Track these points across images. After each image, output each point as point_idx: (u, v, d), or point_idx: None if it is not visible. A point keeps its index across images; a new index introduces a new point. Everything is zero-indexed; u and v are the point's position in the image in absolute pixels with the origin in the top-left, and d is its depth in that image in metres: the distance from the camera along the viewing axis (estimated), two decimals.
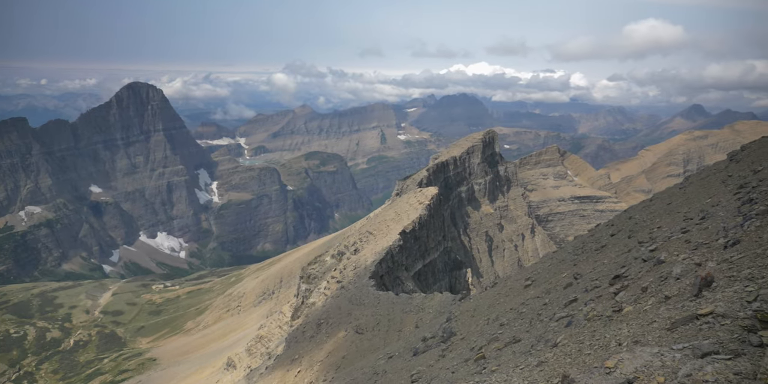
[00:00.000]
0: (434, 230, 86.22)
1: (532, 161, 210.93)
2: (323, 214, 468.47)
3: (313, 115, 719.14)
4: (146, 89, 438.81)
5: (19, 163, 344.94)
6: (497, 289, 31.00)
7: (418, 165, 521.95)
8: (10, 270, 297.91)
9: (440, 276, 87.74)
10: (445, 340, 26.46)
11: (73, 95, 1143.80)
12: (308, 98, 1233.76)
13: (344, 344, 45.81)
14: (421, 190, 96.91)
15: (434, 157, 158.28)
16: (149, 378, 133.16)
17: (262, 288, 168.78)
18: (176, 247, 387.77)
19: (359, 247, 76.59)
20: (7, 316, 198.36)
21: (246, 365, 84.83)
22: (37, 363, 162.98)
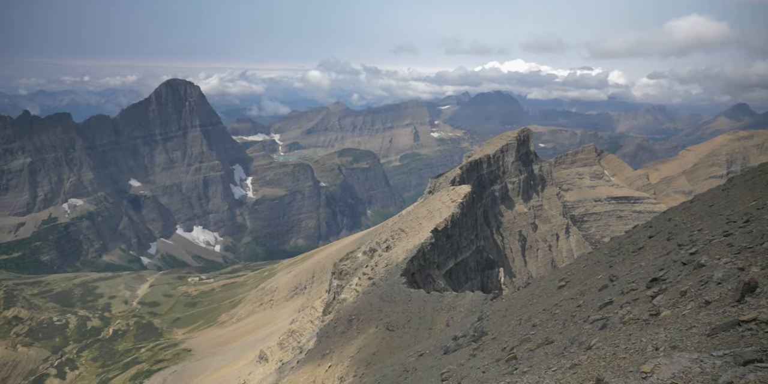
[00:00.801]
0: (467, 229, 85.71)
1: (568, 160, 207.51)
2: (355, 211, 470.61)
3: (346, 112, 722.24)
4: (184, 86, 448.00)
5: (63, 157, 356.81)
6: (530, 289, 30.65)
7: (451, 163, 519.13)
8: (54, 260, 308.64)
9: (472, 275, 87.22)
10: (476, 340, 26.31)
11: (114, 91, 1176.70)
12: (342, 95, 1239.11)
13: (375, 341, 46.00)
14: (453, 188, 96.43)
15: (468, 155, 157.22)
16: (184, 368, 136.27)
17: (294, 283, 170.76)
18: (211, 241, 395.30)
19: (391, 244, 76.72)
20: (51, 305, 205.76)
21: (278, 358, 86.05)
22: (78, 350, 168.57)
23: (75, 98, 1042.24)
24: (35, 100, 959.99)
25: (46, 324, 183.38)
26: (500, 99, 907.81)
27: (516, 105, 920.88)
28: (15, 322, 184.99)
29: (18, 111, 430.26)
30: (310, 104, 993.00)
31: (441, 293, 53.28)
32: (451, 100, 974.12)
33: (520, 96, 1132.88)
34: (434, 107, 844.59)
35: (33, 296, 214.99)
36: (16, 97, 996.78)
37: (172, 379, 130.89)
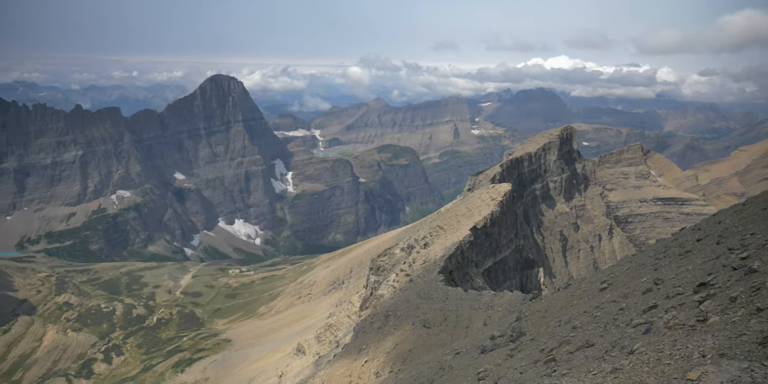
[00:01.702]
0: (506, 227, 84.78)
1: (613, 159, 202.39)
2: (394, 207, 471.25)
3: (386, 109, 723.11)
4: (228, 81, 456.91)
5: (112, 149, 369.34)
6: (571, 290, 30.15)
7: (492, 160, 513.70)
8: (102, 249, 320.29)
9: (511, 274, 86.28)
10: (514, 340, 26.09)
11: (161, 87, 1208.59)
12: (382, 91, 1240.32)
13: (411, 337, 46.08)
14: (493, 186, 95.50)
15: (508, 153, 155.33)
16: (224, 358, 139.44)
17: (332, 277, 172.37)
18: (252, 234, 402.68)
19: (429, 242, 76.58)
20: (99, 292, 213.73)
21: (315, 352, 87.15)
22: (123, 337, 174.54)
23: (124, 93, 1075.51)
24: (87, 95, 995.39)
25: (94, 310, 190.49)
26: (543, 96, 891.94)
27: (559, 102, 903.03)
28: (65, 308, 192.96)
29: (71, 105, 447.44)
30: (351, 100, 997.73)
31: (479, 292, 52.92)
32: (492, 97, 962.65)
33: (563, 93, 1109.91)
34: (475, 104, 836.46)
35: (82, 283, 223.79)
36: (69, 91, 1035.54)
37: (212, 368, 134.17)
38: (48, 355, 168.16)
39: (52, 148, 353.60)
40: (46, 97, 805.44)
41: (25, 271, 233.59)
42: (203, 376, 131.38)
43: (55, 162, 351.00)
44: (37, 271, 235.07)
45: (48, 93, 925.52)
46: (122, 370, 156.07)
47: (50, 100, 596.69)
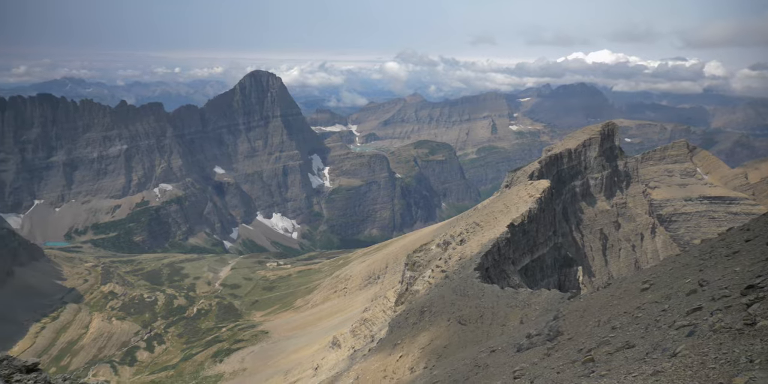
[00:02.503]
0: (544, 225, 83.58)
1: (656, 156, 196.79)
2: (430, 203, 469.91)
3: (423, 104, 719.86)
4: (266, 77, 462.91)
5: (155, 144, 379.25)
6: (611, 290, 29.59)
7: (530, 157, 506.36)
8: (145, 241, 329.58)
9: (549, 272, 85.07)
10: (551, 339, 25.81)
11: (202, 82, 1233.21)
12: (419, 87, 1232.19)
13: (446, 334, 46.03)
14: (532, 183, 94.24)
15: (547, 149, 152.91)
16: (261, 349, 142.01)
17: (368, 272, 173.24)
18: (289, 228, 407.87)
19: (465, 238, 76.19)
20: (142, 282, 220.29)
21: (350, 345, 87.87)
22: (165, 326, 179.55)
23: (166, 89, 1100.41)
24: (131, 91, 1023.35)
25: (137, 300, 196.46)
26: (584, 91, 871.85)
27: (600, 97, 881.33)
28: (111, 297, 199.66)
29: (116, 101, 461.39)
30: (388, 96, 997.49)
31: (515, 289, 52.42)
32: (531, 92, 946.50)
33: (605, 88, 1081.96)
34: (513, 99, 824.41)
35: (126, 274, 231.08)
36: (114, 87, 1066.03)
37: (250, 359, 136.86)
38: (94, 342, 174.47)
39: (99, 142, 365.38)
40: (93, 93, 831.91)
41: (73, 260, 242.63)
42: (241, 366, 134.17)
43: (101, 156, 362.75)
44: (84, 261, 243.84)
45: (95, 89, 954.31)
46: (163, 358, 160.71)
47: (97, 96, 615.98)
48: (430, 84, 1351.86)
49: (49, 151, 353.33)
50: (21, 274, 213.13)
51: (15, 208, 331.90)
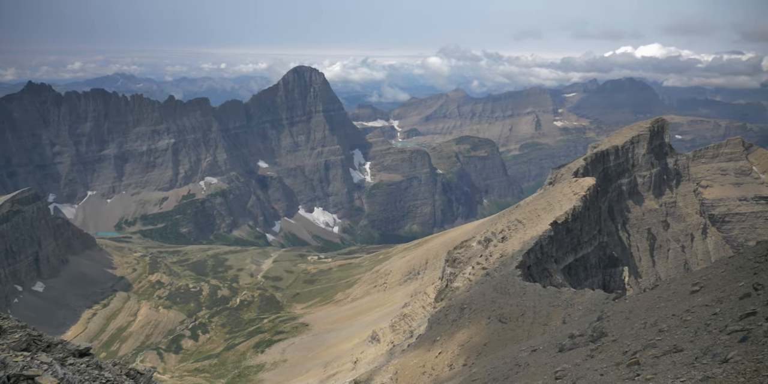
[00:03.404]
0: (589, 223, 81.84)
1: (709, 154, 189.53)
2: (471, 199, 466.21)
3: (466, 99, 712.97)
4: (309, 73, 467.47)
5: (201, 138, 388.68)
6: (658, 291, 28.82)
7: (575, 153, 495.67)
8: (191, 232, 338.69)
9: (593, 272, 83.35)
10: (595, 340, 25.37)
11: (246, 78, 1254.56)
12: (462, 82, 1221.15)
13: (486, 331, 45.75)
14: (576, 180, 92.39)
15: (593, 146, 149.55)
16: (302, 341, 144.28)
17: (408, 268, 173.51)
18: (330, 222, 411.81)
19: (507, 235, 75.39)
20: (187, 273, 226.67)
21: (389, 340, 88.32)
22: (209, 316, 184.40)
23: (212, 84, 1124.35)
24: (179, 86, 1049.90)
25: (183, 290, 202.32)
26: (632, 86, 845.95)
27: (650, 93, 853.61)
28: (158, 286, 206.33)
29: (164, 96, 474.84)
30: (430, 91, 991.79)
31: (558, 289, 51.62)
32: (577, 87, 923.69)
33: (655, 83, 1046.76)
34: (558, 95, 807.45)
35: (173, 264, 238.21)
36: (163, 83, 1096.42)
37: (290, 351, 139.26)
38: (142, 329, 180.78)
39: (148, 136, 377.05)
40: (143, 88, 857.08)
41: (122, 250, 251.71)
42: (282, 357, 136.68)
43: (150, 149, 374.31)
44: (133, 251, 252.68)
45: (144, 84, 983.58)
46: (207, 347, 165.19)
47: (146, 91, 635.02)
48: (472, 79, 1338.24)
49: (101, 144, 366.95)
50: (75, 262, 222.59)
51: (70, 199, 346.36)
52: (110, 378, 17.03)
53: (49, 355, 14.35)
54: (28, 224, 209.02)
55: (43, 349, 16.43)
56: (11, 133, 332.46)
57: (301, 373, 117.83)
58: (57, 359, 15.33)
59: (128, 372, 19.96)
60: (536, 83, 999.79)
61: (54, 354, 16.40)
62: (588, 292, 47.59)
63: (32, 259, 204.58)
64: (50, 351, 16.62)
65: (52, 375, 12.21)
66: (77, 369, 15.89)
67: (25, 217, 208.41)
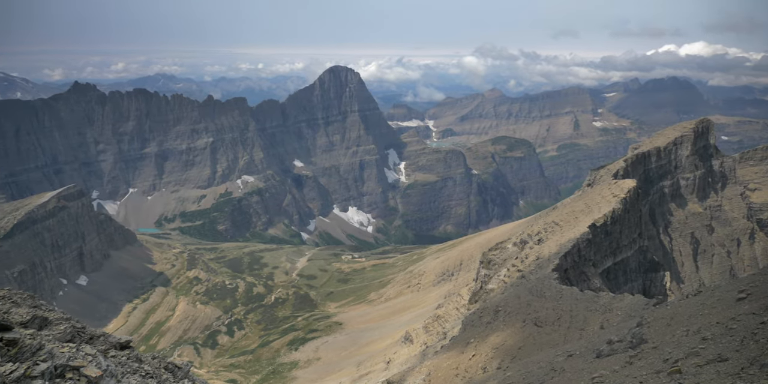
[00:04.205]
0: (629, 226, 79.91)
1: (758, 156, 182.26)
2: (507, 201, 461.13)
3: (502, 99, 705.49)
4: (345, 72, 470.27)
5: (239, 137, 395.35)
6: (701, 298, 27.93)
7: (615, 155, 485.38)
8: (228, 230, 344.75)
9: (632, 276, 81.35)
10: (634, 347, 24.77)
11: (283, 78, 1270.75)
12: (498, 81, 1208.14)
13: (521, 335, 45.15)
14: (616, 182, 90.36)
15: (634, 147, 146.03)
16: (335, 339, 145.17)
17: (441, 268, 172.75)
18: (364, 222, 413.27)
19: (543, 237, 74.28)
20: (224, 270, 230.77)
21: (422, 341, 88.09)
22: (245, 312, 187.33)
23: (250, 84, 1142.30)
24: (218, 86, 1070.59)
25: (219, 286, 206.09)
26: (675, 86, 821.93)
27: (694, 92, 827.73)
28: (195, 282, 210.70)
29: (203, 95, 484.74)
30: (466, 91, 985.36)
31: (596, 293, 50.57)
32: (618, 87, 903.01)
33: (699, 82, 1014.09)
34: (598, 95, 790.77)
35: (210, 261, 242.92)
36: (202, 82, 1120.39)
37: (324, 349, 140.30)
38: (180, 324, 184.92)
39: (187, 135, 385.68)
40: (183, 88, 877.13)
41: (162, 246, 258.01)
42: (315, 355, 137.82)
43: (189, 148, 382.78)
44: (172, 247, 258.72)
45: (184, 84, 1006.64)
46: (242, 343, 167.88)
47: (186, 91, 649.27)
48: (509, 79, 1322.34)
49: (142, 142, 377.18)
50: (116, 257, 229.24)
51: (112, 196, 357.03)
52: (150, 371, 17.42)
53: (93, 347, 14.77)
54: (73, 220, 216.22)
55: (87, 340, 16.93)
56: (58, 131, 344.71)
57: (334, 372, 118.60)
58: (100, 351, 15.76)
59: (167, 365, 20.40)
60: (575, 83, 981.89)
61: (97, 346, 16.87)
62: (627, 297, 46.46)
63: (76, 253, 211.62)
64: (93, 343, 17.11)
65: (96, 366, 12.55)
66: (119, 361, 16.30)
67: (70, 213, 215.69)
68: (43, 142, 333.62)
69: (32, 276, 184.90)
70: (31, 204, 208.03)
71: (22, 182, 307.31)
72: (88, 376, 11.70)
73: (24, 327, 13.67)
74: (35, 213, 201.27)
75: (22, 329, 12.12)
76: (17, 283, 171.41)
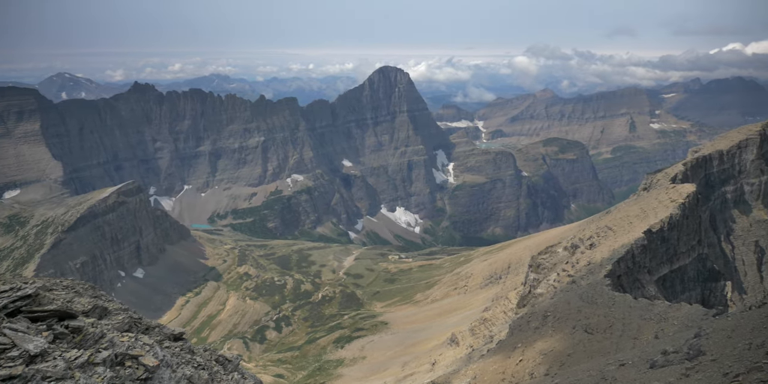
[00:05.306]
0: (687, 233, 76.78)
1: None
2: (558, 204, 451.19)
3: (554, 100, 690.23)
4: (395, 73, 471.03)
5: (289, 136, 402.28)
6: (766, 310, 26.57)
7: (673, 158, 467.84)
8: (277, 227, 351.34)
9: (690, 285, 78.11)
10: (691, 358, 23.83)
11: (333, 78, 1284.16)
12: (550, 82, 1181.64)
13: (570, 341, 44.07)
14: (674, 187, 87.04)
15: (694, 150, 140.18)
16: (381, 339, 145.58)
17: (489, 271, 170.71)
18: (412, 222, 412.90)
19: (596, 242, 72.30)
20: (273, 266, 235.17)
21: (468, 344, 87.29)
22: (292, 309, 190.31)
23: (300, 84, 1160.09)
24: (269, 86, 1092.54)
25: (268, 282, 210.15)
26: (741, 86, 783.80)
27: (762, 93, 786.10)
28: (245, 278, 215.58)
29: (255, 95, 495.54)
30: (517, 91, 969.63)
31: (651, 301, 48.84)
32: (677, 87, 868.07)
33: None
34: (656, 95, 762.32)
35: (260, 257, 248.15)
36: (254, 83, 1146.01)
37: (369, 348, 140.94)
38: (230, 318, 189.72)
39: (240, 134, 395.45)
40: (236, 88, 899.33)
41: (214, 242, 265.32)
42: (360, 354, 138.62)
43: (241, 147, 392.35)
44: (223, 243, 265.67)
45: (238, 84, 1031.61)
46: (290, 339, 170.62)
47: (239, 91, 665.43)
48: (562, 79, 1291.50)
49: (197, 141, 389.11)
50: (171, 251, 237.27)
51: (168, 192, 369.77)
52: (201, 362, 17.91)
53: (150, 338, 15.30)
54: (132, 214, 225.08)
55: (143, 331, 17.55)
56: (119, 129, 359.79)
57: (379, 371, 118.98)
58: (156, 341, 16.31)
59: (217, 358, 20.95)
60: (631, 83, 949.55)
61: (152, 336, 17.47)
62: (684, 306, 44.64)
63: (134, 247, 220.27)
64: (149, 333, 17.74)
65: (153, 356, 13.00)
66: (172, 352, 16.83)
67: (129, 208, 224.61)
68: (104, 139, 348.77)
69: (93, 267, 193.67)
70: (93, 199, 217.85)
71: (85, 178, 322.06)
72: (146, 365, 12.13)
73: (86, 316, 14.28)
74: (96, 207, 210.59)
75: (85, 318, 12.68)
76: (79, 273, 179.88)
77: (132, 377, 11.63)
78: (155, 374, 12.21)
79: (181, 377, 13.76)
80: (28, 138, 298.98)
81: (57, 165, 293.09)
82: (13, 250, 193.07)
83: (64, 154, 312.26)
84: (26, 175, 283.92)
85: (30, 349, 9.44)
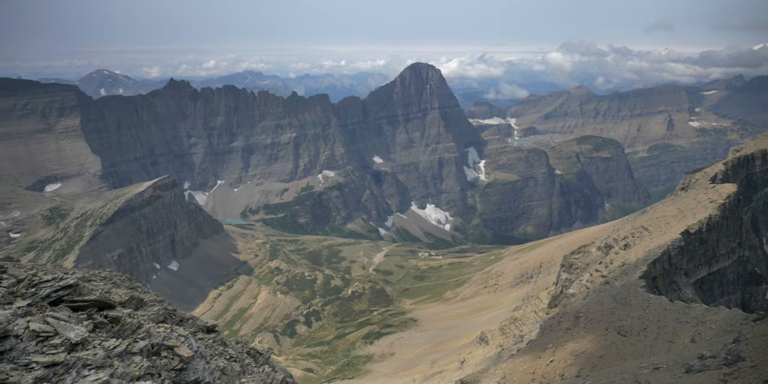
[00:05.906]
0: (727, 235, 74.50)
1: None
2: (592, 203, 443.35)
3: (589, 97, 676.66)
4: (426, 69, 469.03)
5: (321, 133, 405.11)
6: None
7: (713, 157, 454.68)
8: (308, 223, 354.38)
9: (730, 289, 75.84)
10: (729, 364, 23.16)
11: (364, 75, 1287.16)
12: (585, 78, 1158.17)
13: (603, 343, 43.29)
14: (714, 187, 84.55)
15: (735, 149, 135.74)
16: (409, 336, 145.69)
17: (520, 270, 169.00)
18: (442, 220, 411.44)
19: (630, 243, 70.80)
20: (303, 261, 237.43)
21: (498, 343, 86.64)
22: (322, 304, 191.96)
23: (332, 81, 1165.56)
24: (301, 82, 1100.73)
25: (299, 277, 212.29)
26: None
27: None
28: (276, 273, 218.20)
29: (288, 92, 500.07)
30: (550, 88, 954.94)
31: (687, 304, 47.59)
32: (719, 84, 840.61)
33: None
34: (695, 93, 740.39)
35: (291, 252, 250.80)
36: (287, 79, 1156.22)
37: (398, 344, 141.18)
38: (261, 312, 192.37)
39: (272, 130, 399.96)
40: (269, 84, 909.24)
41: (246, 237, 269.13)
42: (389, 350, 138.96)
43: (273, 142, 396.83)
44: (255, 238, 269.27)
45: (270, 81, 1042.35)
46: (319, 333, 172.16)
47: (272, 87, 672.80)
48: (597, 75, 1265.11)
49: (230, 136, 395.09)
50: (204, 245, 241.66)
51: (202, 187, 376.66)
52: (233, 354, 18.18)
53: (185, 329, 15.59)
54: (167, 208, 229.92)
55: (177, 322, 17.89)
56: (155, 125, 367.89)
57: (408, 368, 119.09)
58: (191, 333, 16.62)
59: (249, 351, 21.24)
60: (670, 80, 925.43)
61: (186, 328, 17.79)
62: (723, 310, 43.37)
63: (169, 240, 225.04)
64: (183, 325, 18.08)
65: (188, 347, 13.24)
66: (206, 343, 17.12)
67: (164, 202, 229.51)
68: (141, 135, 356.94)
69: (129, 259, 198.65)
70: (130, 193, 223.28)
71: (123, 172, 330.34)
72: (181, 355, 12.37)
73: (123, 306, 14.63)
74: (133, 201, 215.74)
75: (122, 308, 12.99)
76: (116, 265, 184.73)
77: (168, 367, 11.87)
78: (190, 365, 12.44)
79: (214, 368, 14.00)
80: (68, 133, 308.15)
81: (96, 159, 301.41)
82: (54, 241, 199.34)
83: (103, 149, 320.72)
84: (67, 169, 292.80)
85: (71, 338, 9.71)
